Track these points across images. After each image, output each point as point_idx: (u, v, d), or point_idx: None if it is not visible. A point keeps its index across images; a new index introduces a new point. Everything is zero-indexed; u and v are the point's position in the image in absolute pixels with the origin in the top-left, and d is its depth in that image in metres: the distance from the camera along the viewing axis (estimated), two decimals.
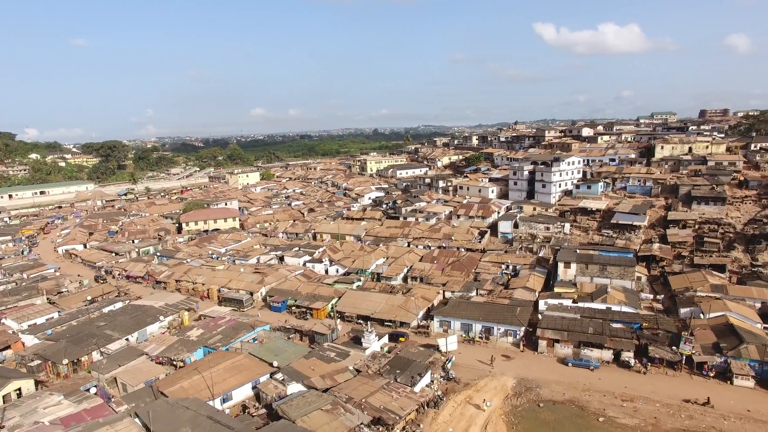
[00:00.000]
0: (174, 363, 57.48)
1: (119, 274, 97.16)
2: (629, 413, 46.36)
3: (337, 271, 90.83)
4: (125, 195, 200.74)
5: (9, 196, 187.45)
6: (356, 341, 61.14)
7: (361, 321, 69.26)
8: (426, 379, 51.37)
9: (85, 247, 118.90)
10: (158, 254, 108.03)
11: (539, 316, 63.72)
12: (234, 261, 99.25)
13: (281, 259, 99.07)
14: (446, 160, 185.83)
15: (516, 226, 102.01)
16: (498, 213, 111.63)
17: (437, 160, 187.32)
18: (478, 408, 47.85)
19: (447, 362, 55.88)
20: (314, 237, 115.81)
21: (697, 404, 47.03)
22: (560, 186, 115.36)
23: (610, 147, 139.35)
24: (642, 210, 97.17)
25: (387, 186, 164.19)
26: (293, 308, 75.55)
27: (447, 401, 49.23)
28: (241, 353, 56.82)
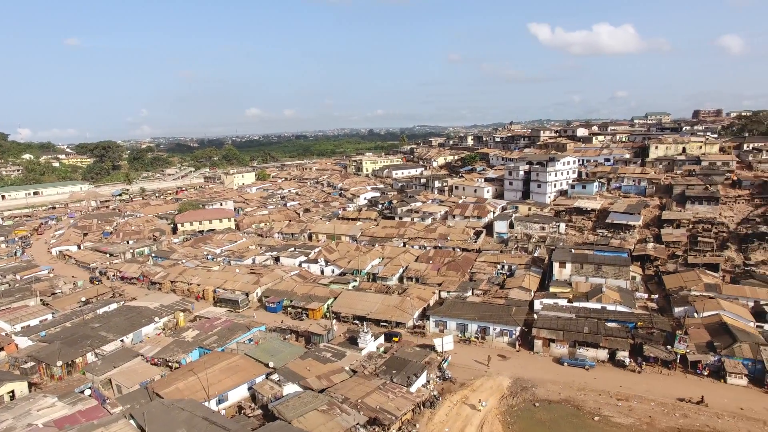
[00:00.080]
0: (169, 364, 57.19)
1: (114, 275, 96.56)
2: (624, 412, 46.56)
3: (333, 272, 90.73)
4: (120, 195, 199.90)
5: (2, 197, 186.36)
6: (352, 342, 61.01)
7: (357, 321, 69.16)
8: (422, 380, 51.42)
9: (80, 248, 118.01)
10: (153, 255, 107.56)
11: (535, 316, 63.86)
12: (229, 261, 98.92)
13: (277, 260, 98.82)
14: (442, 161, 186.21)
15: (511, 226, 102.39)
16: (493, 213, 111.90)
17: (433, 161, 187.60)
18: (474, 408, 47.93)
19: (443, 362, 55.92)
20: (310, 237, 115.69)
21: (692, 403, 47.30)
22: (555, 186, 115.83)
23: (605, 147, 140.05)
24: (636, 210, 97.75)
25: (383, 186, 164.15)
26: (289, 309, 75.41)
27: (443, 401, 49.25)
28: (237, 354, 56.62)
